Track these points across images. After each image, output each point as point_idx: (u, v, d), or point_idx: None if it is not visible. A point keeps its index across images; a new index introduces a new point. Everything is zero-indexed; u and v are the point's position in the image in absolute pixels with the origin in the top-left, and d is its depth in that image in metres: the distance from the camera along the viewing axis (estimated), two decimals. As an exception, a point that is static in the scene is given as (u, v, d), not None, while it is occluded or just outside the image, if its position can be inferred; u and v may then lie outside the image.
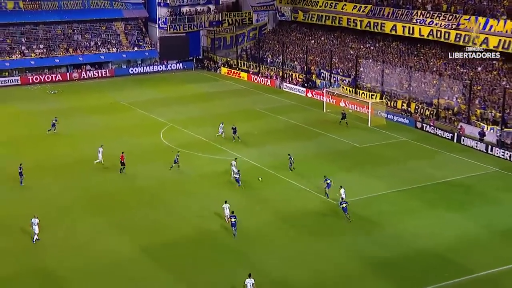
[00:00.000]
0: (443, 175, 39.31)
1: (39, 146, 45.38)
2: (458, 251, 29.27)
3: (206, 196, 36.08)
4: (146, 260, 28.50)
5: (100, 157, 40.77)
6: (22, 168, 37.51)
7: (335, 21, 70.03)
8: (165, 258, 28.86)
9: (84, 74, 71.25)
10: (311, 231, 31.54)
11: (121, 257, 28.92)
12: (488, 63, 54.61)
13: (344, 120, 50.65)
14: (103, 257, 28.90)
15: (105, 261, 28.51)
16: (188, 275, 27.33)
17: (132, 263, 28.34)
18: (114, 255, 29.08)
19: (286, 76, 67.97)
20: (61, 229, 31.63)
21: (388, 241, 30.26)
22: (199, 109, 56.53)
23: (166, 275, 27.30)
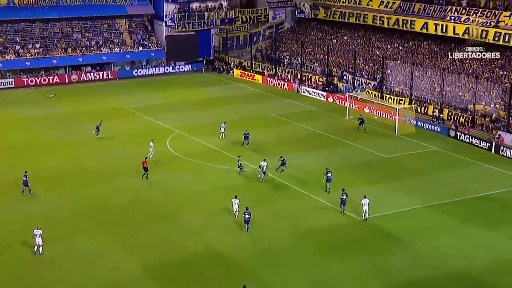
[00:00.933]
0: (479, 189, 39.35)
1: (35, 155, 46.16)
2: (494, 274, 29.29)
3: (216, 209, 36.46)
4: (151, 280, 28.90)
5: (151, 151, 43.50)
6: (28, 176, 38.44)
7: (359, 18, 70.41)
8: (171, 278, 29.23)
9: (84, 76, 72.21)
10: (332, 249, 31.78)
11: (124, 276, 29.34)
12: (530, 65, 54.60)
13: (362, 125, 50.90)
14: (104, 276, 29.34)
15: (106, 281, 28.94)
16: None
17: (136, 283, 28.76)
18: (117, 274, 29.51)
19: (305, 79, 68.38)
20: (59, 244, 32.17)
21: (416, 262, 30.37)
22: (209, 115, 57.08)
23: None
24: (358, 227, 34.26)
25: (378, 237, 32.94)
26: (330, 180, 38.35)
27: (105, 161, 45.03)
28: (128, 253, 31.44)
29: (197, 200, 38.03)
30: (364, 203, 34.62)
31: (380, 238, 32.82)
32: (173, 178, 41.15)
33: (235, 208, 34.72)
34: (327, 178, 38.21)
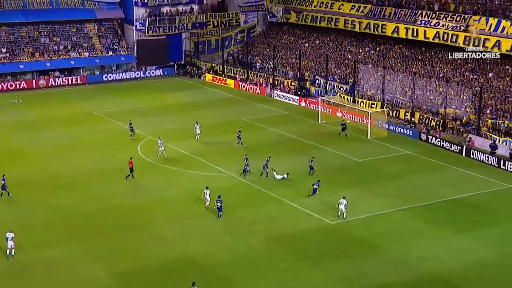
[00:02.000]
0: (451, 192, 39.90)
1: (4, 162, 45.39)
2: (467, 277, 29.72)
3: (189, 217, 36.37)
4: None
5: (161, 148, 45.25)
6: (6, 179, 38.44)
7: (331, 22, 70.96)
8: (144, 286, 29.05)
9: (52, 82, 71.43)
10: (306, 255, 31.89)
11: (96, 285, 29.07)
12: (500, 69, 55.60)
13: (344, 132, 51.28)
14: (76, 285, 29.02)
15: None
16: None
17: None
18: (88, 282, 29.23)
19: (277, 83, 68.64)
20: (28, 254, 31.72)
21: (390, 266, 30.66)
22: (181, 121, 56.92)
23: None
24: (332, 232, 34.46)
25: (352, 242, 33.18)
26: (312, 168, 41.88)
27: (76, 167, 44.60)
28: (100, 261, 31.16)
29: (170, 207, 37.88)
30: (341, 202, 35.39)
31: (354, 243, 33.06)
32: (145, 185, 40.94)
33: (207, 199, 36.34)
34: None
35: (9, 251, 30.86)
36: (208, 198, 37.01)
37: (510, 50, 53.16)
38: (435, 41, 59.66)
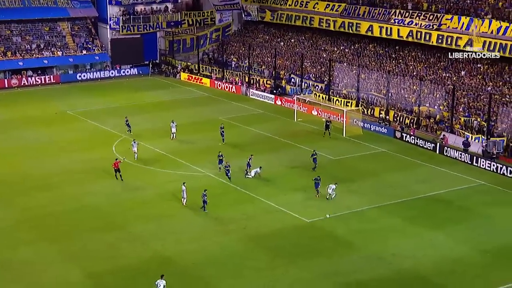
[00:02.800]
0: (425, 189, 40.21)
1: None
2: (442, 273, 29.94)
3: (165, 216, 36.11)
4: (98, 290, 28.40)
5: (135, 150, 44.71)
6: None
7: (306, 21, 71.10)
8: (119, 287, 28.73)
9: (24, 81, 70.47)
10: (282, 253, 31.86)
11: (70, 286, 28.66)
12: (472, 67, 56.24)
13: (328, 130, 51.29)
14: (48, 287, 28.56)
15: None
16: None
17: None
18: (61, 284, 28.82)
19: (253, 82, 68.58)
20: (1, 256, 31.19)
21: (366, 263, 30.78)
22: (156, 120, 56.55)
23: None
24: (309, 230, 34.49)
25: (328, 240, 33.24)
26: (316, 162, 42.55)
27: (49, 167, 44.03)
28: (74, 263, 30.76)
29: (145, 206, 37.57)
30: (330, 187, 37.00)
31: (331, 241, 33.12)
32: (120, 184, 40.52)
33: (184, 196, 36.70)
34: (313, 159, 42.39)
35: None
36: (185, 195, 36.87)
37: (482, 49, 53.76)
38: (408, 40, 60.13)
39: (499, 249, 32.36)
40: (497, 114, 49.48)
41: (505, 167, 43.30)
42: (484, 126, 48.56)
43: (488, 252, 31.96)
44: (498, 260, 31.31)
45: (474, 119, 50.56)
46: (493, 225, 35.31)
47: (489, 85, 53.15)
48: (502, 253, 31.94)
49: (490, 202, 38.56)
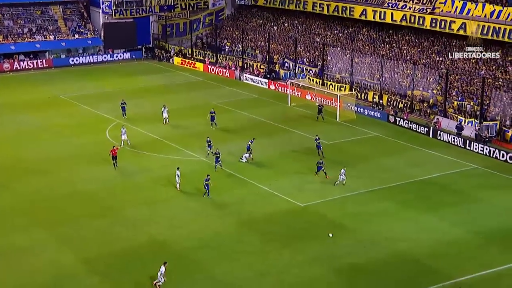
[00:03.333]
0: (418, 173, 40.19)
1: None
2: (435, 256, 29.98)
3: (159, 201, 35.98)
4: (91, 274, 28.22)
5: (124, 137, 43.68)
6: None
7: (299, 5, 70.61)
8: (113, 271, 28.65)
9: (17, 65, 69.84)
10: (276, 237, 31.80)
11: (64, 271, 28.54)
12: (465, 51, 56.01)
13: (320, 114, 51.13)
14: (43, 272, 28.44)
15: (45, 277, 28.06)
16: None
17: (75, 277, 28.03)
18: (56, 269, 28.68)
19: (247, 66, 68.21)
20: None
21: (360, 247, 30.75)
22: (149, 104, 56.21)
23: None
24: (302, 214, 34.45)
25: (323, 224, 33.18)
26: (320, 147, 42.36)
27: (42, 152, 43.76)
28: (68, 248, 30.62)
29: (139, 191, 37.42)
30: (342, 172, 37.51)
31: (325, 225, 33.05)
32: (114, 169, 40.28)
33: (178, 181, 36.45)
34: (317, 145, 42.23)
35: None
36: (178, 180, 36.77)
37: (475, 32, 53.55)
38: (402, 24, 59.85)
39: (493, 232, 32.43)
40: (490, 98, 49.42)
41: (497, 151, 43.32)
42: (477, 110, 48.51)
43: (482, 235, 32.02)
44: (491, 242, 31.38)
45: (467, 103, 50.50)
46: (486, 208, 35.37)
47: (482, 69, 53.03)
48: (495, 235, 32.02)
49: (483, 185, 38.62)
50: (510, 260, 29.55)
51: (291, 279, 27.97)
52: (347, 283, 27.73)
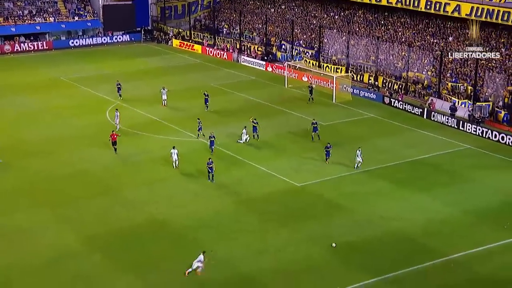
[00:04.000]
0: (412, 153, 40.22)
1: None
2: (429, 234, 30.11)
3: (158, 181, 35.97)
4: (92, 252, 28.30)
5: (117, 121, 42.57)
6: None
7: (296, -13, 70.09)
8: (113, 249, 28.72)
9: (17, 47, 69.44)
10: (274, 216, 31.87)
11: (65, 250, 28.60)
12: (460, 33, 55.81)
13: (311, 95, 51.05)
14: (44, 251, 28.51)
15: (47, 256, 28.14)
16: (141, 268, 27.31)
17: (76, 256, 28.11)
18: (57, 248, 28.74)
19: (244, 48, 67.85)
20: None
21: (355, 225, 30.87)
22: (148, 86, 56.00)
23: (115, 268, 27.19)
24: (300, 194, 34.50)
25: (319, 203, 33.27)
26: (316, 130, 41.67)
27: (43, 134, 43.65)
28: (69, 227, 30.66)
29: (139, 171, 37.40)
30: (358, 154, 37.05)
31: (321, 204, 33.16)
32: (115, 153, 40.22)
33: (174, 158, 36.66)
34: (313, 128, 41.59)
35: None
36: (176, 158, 36.86)
37: (469, 14, 53.30)
38: (397, 6, 59.44)
39: (484, 210, 32.56)
40: (483, 80, 49.30)
41: (490, 131, 43.36)
42: (471, 92, 48.43)
43: (473, 214, 32.13)
44: (483, 221, 31.52)
45: (461, 84, 50.40)
46: (478, 187, 35.47)
47: (476, 51, 52.73)
48: (486, 214, 32.15)
49: (475, 165, 38.68)
50: (500, 238, 29.73)
51: (288, 257, 28.10)
52: (343, 261, 27.85)
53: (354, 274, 26.71)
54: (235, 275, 26.74)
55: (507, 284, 26.34)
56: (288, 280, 26.39)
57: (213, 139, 39.58)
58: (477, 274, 26.97)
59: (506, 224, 31.02)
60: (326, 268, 27.33)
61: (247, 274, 26.79)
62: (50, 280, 26.36)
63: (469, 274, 26.91)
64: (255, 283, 26.26)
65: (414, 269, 27.10)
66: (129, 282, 26.28)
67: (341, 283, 25.94)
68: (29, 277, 26.60)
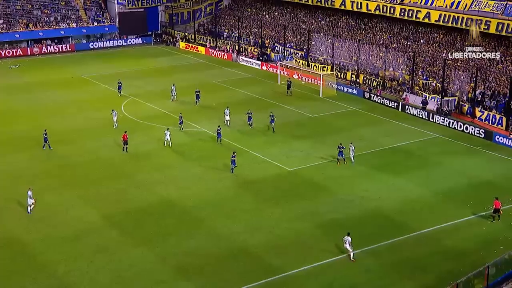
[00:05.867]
0: (389, 142, 40.10)
1: (3, 121, 43.86)
2: (403, 212, 30.11)
3: (167, 166, 35.80)
4: (110, 228, 28.25)
5: (114, 120, 41.48)
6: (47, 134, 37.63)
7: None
8: (129, 225, 28.67)
9: (44, 49, 68.86)
10: (268, 197, 31.78)
11: (87, 224, 28.58)
12: (430, 37, 55.51)
13: (289, 89, 50.78)
14: (69, 225, 28.49)
15: (72, 229, 28.12)
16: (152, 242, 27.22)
17: (97, 230, 28.07)
18: (80, 223, 28.71)
19: (242, 50, 67.41)
20: (27, 201, 30.86)
21: (339, 204, 30.83)
22: (159, 83, 55.60)
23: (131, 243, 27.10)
24: (291, 177, 34.36)
25: (308, 186, 33.17)
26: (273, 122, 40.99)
27: (67, 125, 43.36)
28: (90, 206, 30.57)
29: (151, 157, 37.20)
30: (351, 148, 35.68)
31: (309, 186, 33.05)
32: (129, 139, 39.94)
33: (167, 138, 37.23)
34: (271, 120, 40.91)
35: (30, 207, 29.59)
36: (168, 138, 37.44)
37: (438, 20, 53.00)
38: (376, 13, 59.03)
39: (450, 190, 32.54)
40: (450, 77, 49.10)
41: (456, 122, 43.24)
42: (439, 88, 48.24)
43: (441, 194, 32.10)
44: (449, 200, 31.50)
45: (431, 81, 50.17)
46: (445, 170, 35.41)
47: (443, 52, 52.58)
48: (453, 194, 32.13)
49: (443, 152, 38.60)
50: (465, 215, 29.75)
51: (280, 232, 28.05)
52: (328, 235, 27.80)
53: (337, 247, 26.64)
54: (234, 248, 26.67)
55: (471, 253, 26.38)
56: (280, 252, 26.35)
57: (219, 130, 39.20)
58: (445, 246, 26.99)
59: (470, 202, 31.00)
60: (313, 241, 27.29)
61: (245, 248, 26.72)
62: (76, 251, 26.41)
63: (438, 247, 26.92)
64: (251, 255, 26.18)
65: (389, 243, 27.10)
66: (143, 253, 26.22)
67: (326, 255, 25.89)
68: (60, 247, 26.69)
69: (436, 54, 52.97)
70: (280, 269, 25.07)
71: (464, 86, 47.73)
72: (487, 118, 43.77)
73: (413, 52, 52.60)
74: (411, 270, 25.24)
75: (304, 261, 25.50)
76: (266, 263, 25.58)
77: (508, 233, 27.93)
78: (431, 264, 25.55)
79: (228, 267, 25.36)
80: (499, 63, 48.30)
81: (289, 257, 25.98)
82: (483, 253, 26.07)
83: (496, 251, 26.07)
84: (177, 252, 26.28)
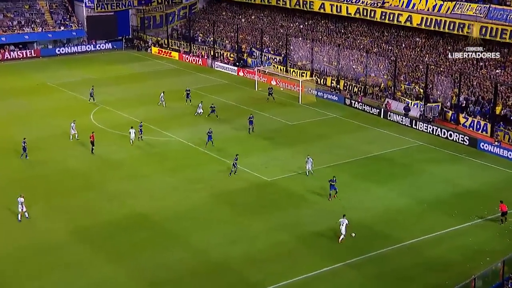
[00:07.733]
0: (371, 149, 40.52)
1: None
2: (385, 222, 30.39)
3: (139, 177, 35.58)
4: (79, 243, 27.91)
5: (73, 132, 40.74)
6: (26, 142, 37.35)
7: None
8: (99, 240, 28.35)
9: (7, 55, 68.02)
10: (246, 208, 31.81)
11: (54, 240, 28.20)
12: (411, 41, 56.42)
13: (271, 96, 51.12)
14: (34, 241, 28.08)
15: (36, 246, 27.73)
16: (124, 257, 26.97)
17: (64, 246, 27.69)
18: (46, 238, 28.30)
19: (218, 55, 67.57)
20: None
21: (320, 215, 30.98)
22: (130, 90, 55.36)
23: (102, 259, 26.81)
24: (269, 187, 34.46)
25: (287, 196, 33.27)
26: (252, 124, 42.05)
27: (32, 134, 42.67)
28: (57, 220, 30.18)
29: (121, 168, 36.94)
30: (307, 161, 35.44)
31: (289, 197, 33.16)
32: (98, 149, 39.64)
33: (132, 137, 38.61)
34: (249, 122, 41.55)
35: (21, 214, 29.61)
36: (133, 136, 39.19)
37: (420, 24, 53.95)
38: (356, 16, 59.83)
39: (434, 200, 32.96)
40: (433, 83, 49.91)
41: (439, 129, 43.93)
42: (422, 93, 48.99)
43: (425, 203, 32.52)
44: (433, 209, 31.91)
45: (413, 87, 50.94)
46: (429, 179, 35.88)
47: (426, 56, 53.47)
48: (437, 203, 32.56)
49: (426, 160, 39.12)
50: (450, 225, 30.14)
51: (259, 245, 28.07)
52: (309, 249, 27.91)
53: (319, 260, 26.77)
54: (211, 262, 26.59)
55: (456, 265, 26.70)
56: (260, 266, 26.34)
57: (210, 134, 39.69)
58: (430, 257, 27.27)
59: (454, 212, 31.47)
60: (294, 254, 27.36)
61: (223, 261, 26.66)
62: (44, 266, 26.07)
63: (423, 258, 27.21)
64: (230, 270, 26.13)
65: (373, 255, 27.29)
66: (115, 269, 25.95)
67: (308, 269, 25.98)
68: (27, 262, 26.30)
69: (418, 58, 53.82)
70: (260, 284, 25.07)
71: (447, 92, 48.57)
72: (471, 125, 44.59)
73: (395, 56, 53.36)
74: (395, 282, 25.46)
75: (285, 275, 25.52)
76: (245, 278, 25.56)
77: (495, 244, 28.38)
78: (415, 276, 25.82)
79: (205, 282, 25.26)
80: (483, 68, 49.32)
81: (269, 271, 25.97)
82: (469, 265, 26.40)
83: (482, 262, 26.41)
84: (151, 267, 26.09)
